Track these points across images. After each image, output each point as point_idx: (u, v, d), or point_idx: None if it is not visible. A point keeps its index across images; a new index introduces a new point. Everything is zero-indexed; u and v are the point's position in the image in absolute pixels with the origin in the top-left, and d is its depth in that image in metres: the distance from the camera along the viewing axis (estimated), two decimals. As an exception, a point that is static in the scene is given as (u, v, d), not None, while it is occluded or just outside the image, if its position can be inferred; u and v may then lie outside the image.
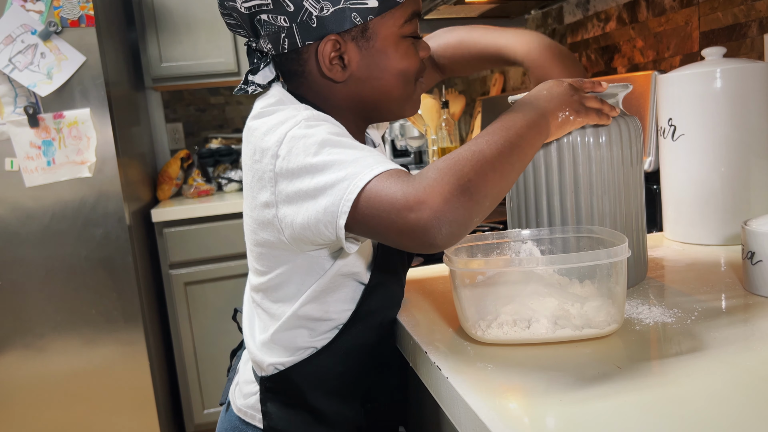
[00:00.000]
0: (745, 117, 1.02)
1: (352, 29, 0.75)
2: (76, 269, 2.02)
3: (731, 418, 0.51)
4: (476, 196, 0.61)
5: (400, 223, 0.61)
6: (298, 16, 0.74)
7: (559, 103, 0.75)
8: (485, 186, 0.62)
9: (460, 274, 0.72)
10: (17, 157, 1.94)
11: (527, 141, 0.69)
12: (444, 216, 0.59)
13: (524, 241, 0.81)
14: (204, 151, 2.78)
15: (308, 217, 0.66)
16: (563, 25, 1.86)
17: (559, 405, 0.56)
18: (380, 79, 0.78)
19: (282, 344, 0.80)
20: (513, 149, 0.66)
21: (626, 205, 0.85)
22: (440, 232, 0.60)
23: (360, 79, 0.78)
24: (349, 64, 0.76)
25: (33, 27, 1.91)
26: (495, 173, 0.64)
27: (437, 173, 0.62)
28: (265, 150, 0.70)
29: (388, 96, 0.80)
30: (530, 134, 0.70)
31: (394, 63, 0.77)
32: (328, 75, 0.77)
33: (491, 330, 0.70)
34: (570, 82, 0.79)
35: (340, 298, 0.79)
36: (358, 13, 0.74)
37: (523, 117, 0.70)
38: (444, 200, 0.59)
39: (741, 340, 0.66)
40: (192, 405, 2.42)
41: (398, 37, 0.77)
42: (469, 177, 0.61)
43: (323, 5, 0.73)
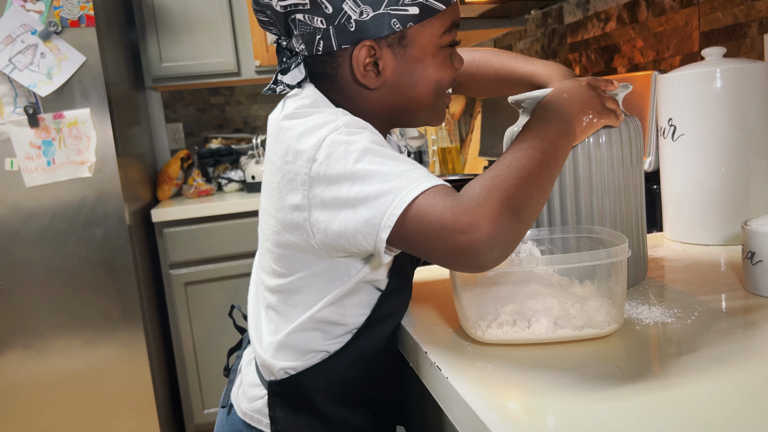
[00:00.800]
0: (745, 117, 1.02)
1: (389, 36, 0.73)
2: (76, 269, 2.03)
3: (731, 417, 0.51)
4: (524, 215, 0.62)
5: (450, 245, 0.60)
6: (336, 19, 0.72)
7: (582, 106, 0.75)
8: (530, 204, 0.63)
9: (460, 275, 0.72)
10: (17, 157, 1.95)
11: (560, 151, 0.70)
12: (495, 239, 0.59)
13: (524, 241, 0.81)
14: (204, 151, 2.78)
15: (346, 225, 0.65)
16: (563, 25, 1.86)
17: (559, 405, 0.56)
18: (414, 88, 0.76)
19: (294, 346, 0.79)
20: (550, 161, 0.67)
21: (626, 205, 0.85)
22: (491, 254, 0.59)
23: (393, 87, 0.76)
24: (383, 71, 0.74)
25: (33, 27, 1.91)
26: (537, 189, 0.64)
27: (485, 192, 0.61)
28: (301, 152, 0.68)
29: (419, 105, 0.78)
30: (562, 143, 0.70)
31: (430, 73, 0.76)
32: (361, 81, 0.75)
33: (491, 330, 0.70)
34: (587, 81, 0.79)
35: (356, 303, 0.78)
36: (398, 19, 0.72)
37: (553, 126, 0.71)
38: (495, 223, 0.59)
39: (741, 340, 0.66)
40: (192, 405, 2.42)
41: (436, 47, 0.75)
42: (517, 197, 0.62)
43: (363, 9, 0.71)
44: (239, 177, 2.69)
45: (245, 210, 2.37)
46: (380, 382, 0.84)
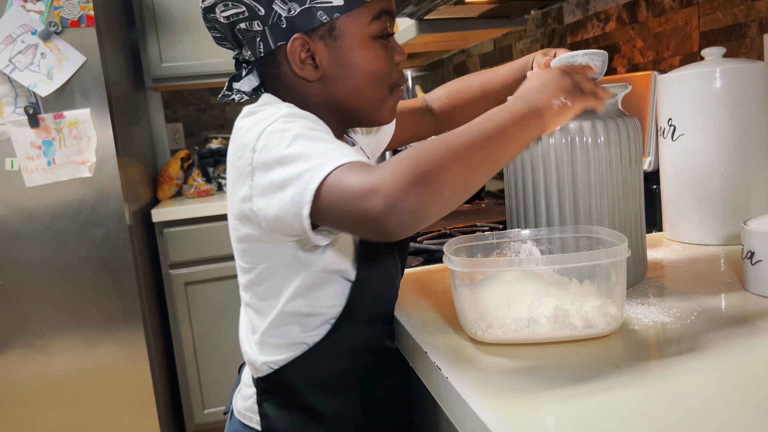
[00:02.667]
0: (745, 117, 1.02)
1: (319, 28, 0.76)
2: (76, 269, 2.03)
3: (731, 417, 0.51)
4: (433, 185, 0.59)
5: (355, 212, 0.60)
6: (269, 19, 0.76)
7: (552, 91, 0.73)
8: (444, 176, 0.60)
9: (460, 274, 0.72)
10: (17, 157, 1.95)
11: (509, 134, 0.67)
12: (395, 204, 0.58)
13: (524, 240, 0.81)
14: (204, 151, 2.78)
15: (278, 208, 0.67)
16: (563, 25, 1.86)
17: (558, 405, 0.56)
18: (351, 78, 0.78)
19: (274, 340, 0.80)
20: (488, 141, 0.64)
21: (625, 205, 0.85)
22: (391, 219, 0.58)
23: (332, 78, 0.79)
24: (320, 63, 0.77)
25: (33, 27, 1.91)
26: (459, 164, 0.61)
27: (395, 162, 0.60)
28: (245, 146, 0.71)
29: (361, 97, 0.80)
30: (514, 128, 0.67)
31: (363, 62, 0.78)
32: (300, 74, 0.78)
33: (491, 330, 0.70)
34: (560, 68, 0.78)
35: (328, 294, 0.79)
36: (324, 11, 0.75)
37: (509, 110, 0.69)
38: (396, 188, 0.58)
39: (740, 340, 0.66)
40: (192, 405, 2.42)
41: (366, 36, 0.77)
42: (427, 166, 0.59)
43: (290, 6, 0.75)
44: (239, 177, 2.69)
45: (245, 210, 2.36)
46: (371, 375, 0.84)
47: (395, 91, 0.83)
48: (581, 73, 0.79)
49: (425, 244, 1.31)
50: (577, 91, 0.75)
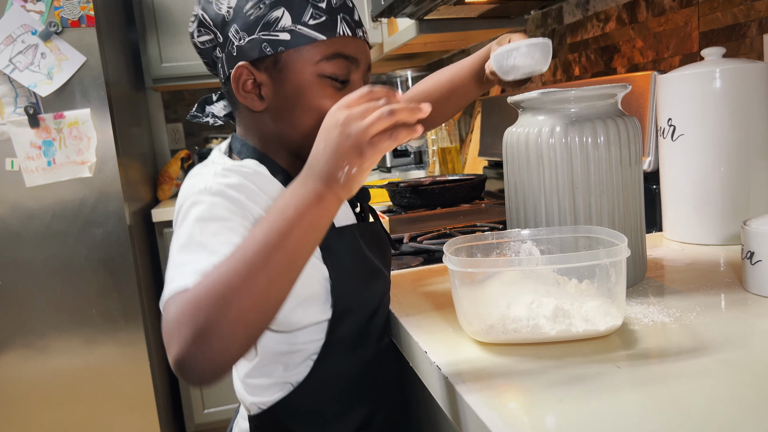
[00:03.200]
0: (744, 117, 1.02)
1: (265, 59, 0.76)
2: (76, 269, 2.03)
3: (730, 417, 0.51)
4: (220, 338, 0.54)
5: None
6: (225, 46, 0.77)
7: (335, 160, 0.59)
8: (229, 324, 0.54)
9: (459, 274, 0.72)
10: (18, 157, 1.95)
11: (303, 241, 0.58)
12: (187, 364, 0.54)
13: (524, 240, 0.81)
14: (204, 151, 2.78)
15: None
16: (563, 25, 1.86)
17: (558, 404, 0.56)
18: (292, 114, 0.77)
19: (259, 381, 0.80)
20: (278, 271, 0.56)
21: (625, 206, 0.85)
22: (192, 374, 0.55)
23: (276, 111, 0.78)
24: (265, 94, 0.77)
25: (33, 27, 1.91)
26: (242, 298, 0.54)
27: (178, 317, 0.56)
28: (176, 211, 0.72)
29: (303, 134, 0.76)
30: (308, 232, 0.58)
31: (307, 100, 0.76)
32: (243, 102, 0.78)
33: (492, 330, 0.70)
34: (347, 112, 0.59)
35: (306, 332, 0.78)
36: (268, 43, 0.75)
37: (297, 207, 0.58)
38: (183, 350, 0.54)
39: (740, 340, 0.66)
40: (192, 405, 2.42)
41: (313, 75, 0.75)
42: (206, 316, 0.54)
43: (242, 35, 0.76)
44: (239, 177, 2.69)
45: (245, 210, 2.36)
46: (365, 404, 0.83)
47: None
48: (370, 108, 0.59)
49: (425, 244, 1.31)
50: (365, 149, 0.58)
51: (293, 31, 0.74)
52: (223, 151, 0.82)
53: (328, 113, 0.62)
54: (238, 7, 0.76)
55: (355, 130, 0.58)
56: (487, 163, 2.18)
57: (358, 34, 0.78)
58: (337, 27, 0.76)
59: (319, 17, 0.75)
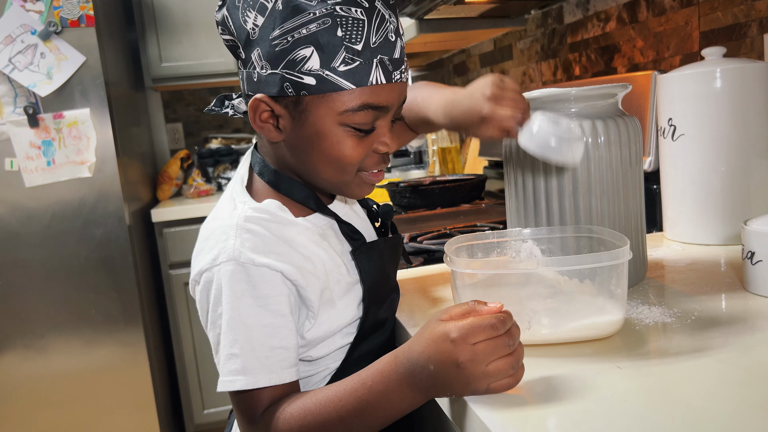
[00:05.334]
0: (745, 117, 1.02)
1: (286, 97, 0.69)
2: (76, 269, 2.02)
3: (731, 417, 0.51)
4: None
5: None
6: (247, 65, 0.72)
7: (444, 391, 0.60)
8: None
9: (460, 275, 0.72)
10: (17, 157, 1.94)
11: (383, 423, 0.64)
12: None
13: (525, 240, 0.81)
14: (204, 151, 2.78)
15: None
16: (563, 25, 1.85)
17: (559, 405, 0.56)
18: (308, 155, 0.72)
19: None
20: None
21: (625, 206, 0.85)
22: None
23: (291, 147, 0.73)
24: (283, 128, 0.72)
25: (33, 27, 1.91)
26: None
27: None
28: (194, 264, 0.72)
29: (319, 176, 0.73)
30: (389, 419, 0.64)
31: (325, 147, 0.70)
32: (259, 132, 0.73)
33: None
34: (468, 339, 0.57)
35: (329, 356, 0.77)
36: (291, 84, 0.68)
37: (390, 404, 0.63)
38: None
39: (741, 340, 0.66)
40: (192, 405, 2.42)
41: (335, 123, 0.69)
42: None
43: (264, 64, 0.69)
44: (239, 177, 2.69)
45: (245, 210, 2.36)
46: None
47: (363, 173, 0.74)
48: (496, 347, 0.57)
49: (425, 244, 1.31)
50: (479, 391, 0.58)
51: (320, 76, 0.67)
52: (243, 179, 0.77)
53: (439, 325, 0.59)
54: (264, 29, 0.68)
55: (476, 377, 0.57)
56: (487, 163, 2.18)
57: (394, 78, 0.70)
58: (371, 75, 0.68)
59: (352, 62, 0.67)
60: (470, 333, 0.57)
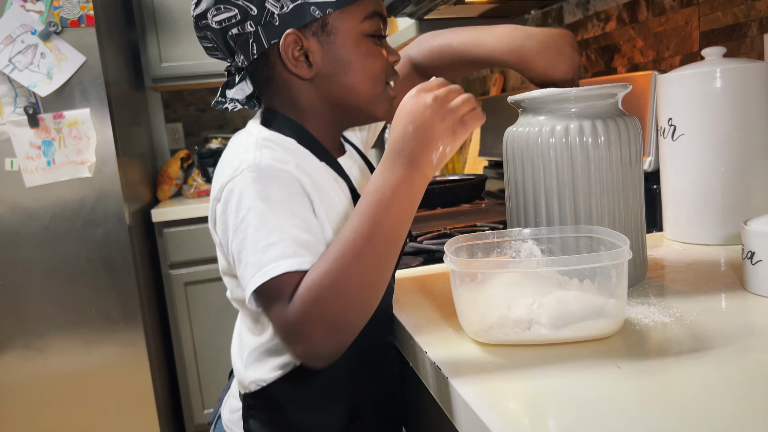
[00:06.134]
0: (745, 117, 1.02)
1: (312, 24, 0.76)
2: (76, 269, 2.03)
3: (731, 417, 0.51)
4: (345, 325, 0.63)
5: (286, 343, 0.66)
6: (261, 18, 0.76)
7: (429, 142, 0.64)
8: (356, 314, 0.64)
9: (460, 274, 0.72)
10: (17, 157, 1.95)
11: (400, 223, 0.65)
12: (318, 354, 0.64)
13: (525, 240, 0.81)
14: (204, 151, 2.78)
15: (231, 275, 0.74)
16: (563, 25, 1.86)
17: (559, 405, 0.56)
18: (345, 74, 0.78)
19: (263, 359, 0.80)
20: (382, 249, 0.64)
21: (626, 206, 0.85)
22: (318, 362, 0.65)
23: (326, 76, 0.78)
24: (314, 61, 0.77)
25: (33, 27, 1.91)
26: (364, 285, 0.63)
27: (303, 313, 0.62)
28: (214, 186, 0.74)
29: (356, 93, 0.80)
30: (399, 205, 0.64)
31: (357, 59, 0.78)
32: (293, 71, 0.77)
33: (492, 331, 0.70)
34: (433, 95, 0.66)
35: None
36: (316, 6, 0.75)
37: (391, 191, 0.64)
38: (312, 343, 0.63)
39: (741, 340, 0.66)
40: (192, 405, 2.42)
41: (359, 34, 0.78)
42: (337, 314, 0.62)
43: (283, 3, 0.75)
44: (239, 177, 2.69)
45: (245, 210, 2.36)
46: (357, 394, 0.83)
47: (389, 86, 0.83)
48: (453, 90, 0.68)
49: (425, 244, 1.31)
50: (457, 127, 0.65)
51: None
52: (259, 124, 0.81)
53: (408, 97, 0.67)
54: None
55: (448, 111, 0.65)
56: (487, 163, 2.18)
57: None
58: None
59: None
60: (428, 86, 0.67)
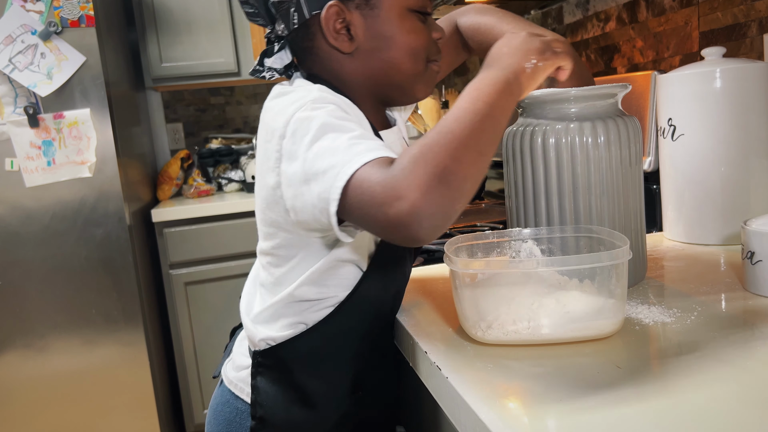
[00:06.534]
0: (745, 117, 1.02)
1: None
2: (76, 269, 2.03)
3: (730, 417, 0.51)
4: (455, 182, 0.58)
5: (382, 218, 0.59)
6: None
7: (523, 53, 0.70)
8: (462, 169, 0.59)
9: (460, 274, 0.72)
10: (17, 157, 1.95)
11: (499, 108, 0.64)
12: (423, 210, 0.57)
13: (525, 240, 0.81)
14: (204, 151, 2.78)
15: (304, 201, 0.67)
16: (563, 25, 1.86)
17: (558, 405, 0.56)
18: (387, 50, 0.77)
19: (276, 317, 0.81)
20: (485, 121, 0.62)
21: (625, 206, 0.85)
22: (421, 226, 0.58)
23: (367, 51, 0.77)
24: (355, 34, 0.76)
25: (33, 27, 1.91)
26: (470, 152, 0.60)
27: (412, 163, 0.58)
28: (274, 130, 0.70)
29: (398, 70, 0.78)
30: (501, 100, 0.65)
31: (400, 35, 0.77)
32: (334, 44, 0.76)
33: (491, 331, 0.70)
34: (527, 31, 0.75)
35: (339, 283, 0.79)
36: None
37: (490, 83, 0.66)
38: (421, 193, 0.57)
39: (740, 340, 0.66)
40: (192, 405, 2.42)
41: (403, 9, 0.76)
42: (445, 163, 0.58)
43: None
44: (239, 177, 2.69)
45: (245, 210, 2.37)
46: (364, 364, 0.84)
47: (432, 65, 0.81)
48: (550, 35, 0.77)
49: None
50: (547, 51, 0.72)
51: None
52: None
53: (507, 35, 0.73)
54: None
55: (540, 38, 0.72)
56: (487, 163, 2.17)
57: None
58: None
59: None
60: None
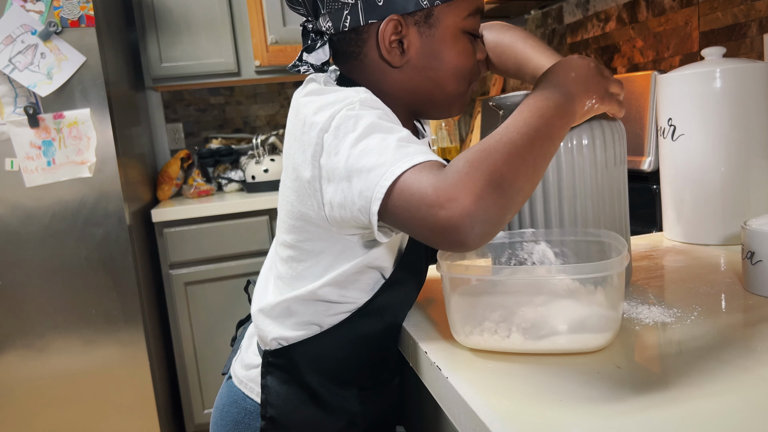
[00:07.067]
0: (745, 117, 1.02)
1: (416, 13, 0.74)
2: (76, 269, 2.03)
3: (731, 417, 0.51)
4: (509, 191, 0.58)
5: (431, 221, 0.58)
6: None
7: (587, 88, 0.71)
8: (517, 180, 0.59)
9: (451, 280, 0.71)
10: (17, 157, 1.95)
11: (557, 130, 0.65)
12: (476, 215, 0.56)
13: (537, 242, 0.80)
14: (204, 151, 2.78)
15: (344, 197, 0.65)
16: (563, 25, 1.86)
17: (558, 404, 0.56)
18: (436, 70, 0.77)
19: (290, 316, 0.80)
20: (543, 140, 0.63)
21: (610, 208, 0.84)
22: (472, 231, 0.56)
23: (416, 68, 0.77)
24: (407, 49, 0.76)
25: (33, 27, 1.91)
26: (527, 166, 0.60)
27: (468, 166, 0.58)
28: (315, 124, 0.69)
29: (441, 90, 0.78)
30: (560, 123, 0.66)
31: (451, 56, 0.76)
32: (386, 57, 0.76)
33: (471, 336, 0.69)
34: (596, 63, 0.75)
35: (359, 287, 0.78)
36: None
37: (553, 103, 0.66)
38: (476, 198, 0.56)
39: (741, 340, 0.66)
40: (192, 405, 2.42)
41: (459, 30, 0.76)
42: (502, 171, 0.58)
43: None
44: (239, 177, 2.69)
45: (245, 210, 2.37)
46: (372, 370, 0.84)
47: (471, 84, 0.82)
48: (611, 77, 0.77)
49: (425, 244, 1.30)
50: (606, 95, 0.73)
51: None
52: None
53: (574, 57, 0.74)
54: None
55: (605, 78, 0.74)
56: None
57: None
58: None
59: None
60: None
